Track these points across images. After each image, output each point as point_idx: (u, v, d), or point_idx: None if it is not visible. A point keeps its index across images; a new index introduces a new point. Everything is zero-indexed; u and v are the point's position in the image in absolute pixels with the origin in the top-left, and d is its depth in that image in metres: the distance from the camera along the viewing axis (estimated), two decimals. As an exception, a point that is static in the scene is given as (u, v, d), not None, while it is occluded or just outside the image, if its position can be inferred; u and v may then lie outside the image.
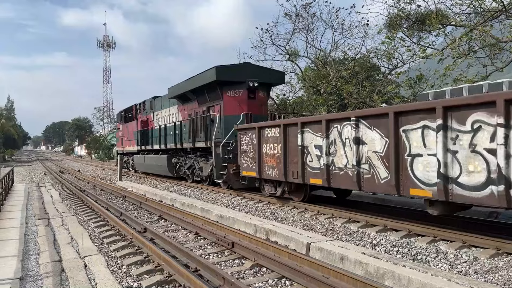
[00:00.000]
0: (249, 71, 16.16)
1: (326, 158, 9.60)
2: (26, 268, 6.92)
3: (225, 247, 8.03)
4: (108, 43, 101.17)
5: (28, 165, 55.30)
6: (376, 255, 6.59)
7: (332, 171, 9.51)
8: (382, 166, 8.20)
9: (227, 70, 15.71)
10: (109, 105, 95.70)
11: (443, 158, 6.93)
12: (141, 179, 24.59)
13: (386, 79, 19.80)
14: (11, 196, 17.60)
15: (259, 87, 15.98)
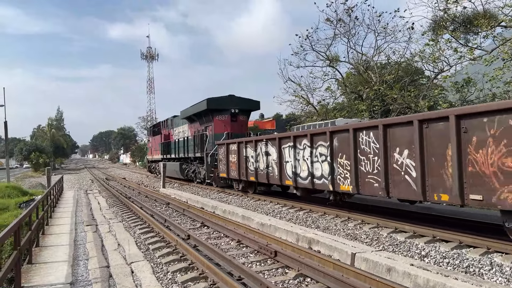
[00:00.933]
0: (233, 101, 22.45)
1: (255, 164, 15.44)
2: (76, 273, 7.15)
3: (268, 255, 7.99)
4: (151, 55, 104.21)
5: (77, 173, 57.70)
6: (426, 267, 6.32)
7: (258, 172, 15.24)
8: (276, 167, 13.84)
9: (215, 100, 22.30)
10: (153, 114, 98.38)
11: (294, 163, 12.73)
12: (183, 186, 25.01)
13: (431, 83, 19.17)
14: (61, 203, 18.37)
15: (240, 113, 22.52)
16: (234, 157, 17.14)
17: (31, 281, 6.62)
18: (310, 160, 11.79)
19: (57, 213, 14.85)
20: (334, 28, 21.78)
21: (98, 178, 40.99)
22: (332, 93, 23.93)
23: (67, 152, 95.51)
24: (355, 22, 21.36)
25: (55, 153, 78.95)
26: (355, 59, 22.51)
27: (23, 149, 67.95)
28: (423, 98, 17.84)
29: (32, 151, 65.56)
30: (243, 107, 22.95)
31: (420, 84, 21.10)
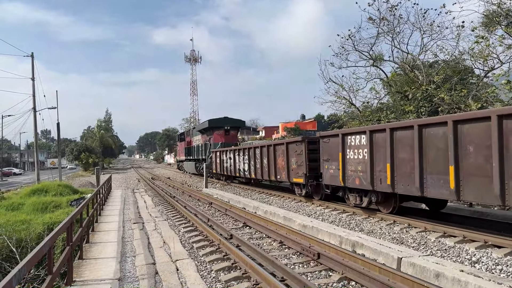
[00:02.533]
0: (226, 121, 33.17)
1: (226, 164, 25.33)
2: (123, 269, 7.40)
3: (311, 257, 7.92)
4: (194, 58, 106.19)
5: (124, 172, 59.72)
6: (477, 273, 6.04)
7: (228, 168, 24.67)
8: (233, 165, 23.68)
9: (214, 121, 33.15)
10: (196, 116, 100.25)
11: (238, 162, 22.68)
12: (225, 186, 25.29)
13: (482, 82, 18.29)
14: (109, 201, 19.08)
15: (231, 129, 32.98)
16: (218, 160, 27.53)
17: (82, 275, 6.91)
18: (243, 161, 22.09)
19: (105, 211, 15.43)
20: (377, 27, 21.28)
21: (144, 177, 42.22)
22: (377, 94, 23.37)
23: (115, 152, 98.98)
24: (399, 20, 20.78)
25: (103, 153, 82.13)
26: (400, 58, 21.87)
27: (74, 149, 71.11)
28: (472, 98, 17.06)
29: (82, 151, 68.48)
30: (233, 125, 33.77)
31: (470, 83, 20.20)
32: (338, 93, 23.46)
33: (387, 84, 22.87)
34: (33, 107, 32.29)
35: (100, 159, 75.51)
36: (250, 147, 21.28)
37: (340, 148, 12.17)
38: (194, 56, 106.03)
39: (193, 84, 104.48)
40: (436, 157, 8.74)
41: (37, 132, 34.77)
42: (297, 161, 15.35)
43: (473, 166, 7.90)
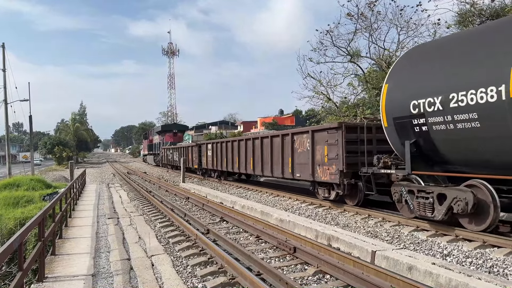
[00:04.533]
0: (174, 126, 55.04)
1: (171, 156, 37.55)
2: (98, 265, 7.28)
3: (287, 251, 7.97)
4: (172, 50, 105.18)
5: (99, 167, 58.72)
6: (448, 266, 6.20)
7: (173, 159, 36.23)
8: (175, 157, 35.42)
9: (166, 125, 59.77)
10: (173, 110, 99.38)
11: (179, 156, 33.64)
12: (202, 181, 25.20)
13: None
14: (83, 196, 18.74)
15: (178, 132, 49.60)
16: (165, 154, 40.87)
17: (54, 271, 6.77)
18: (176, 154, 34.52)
19: (79, 206, 15.15)
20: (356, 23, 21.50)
21: (120, 172, 41.63)
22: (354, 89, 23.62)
23: (89, 146, 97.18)
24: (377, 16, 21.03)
25: (78, 147, 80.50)
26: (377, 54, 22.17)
27: (47, 143, 69.45)
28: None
29: (56, 145, 66.95)
30: (179, 129, 51.68)
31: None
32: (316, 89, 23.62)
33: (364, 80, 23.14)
34: (4, 99, 31.40)
35: (74, 153, 73.99)
36: (180, 147, 34.35)
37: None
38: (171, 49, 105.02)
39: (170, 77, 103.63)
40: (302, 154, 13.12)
41: (9, 125, 33.81)
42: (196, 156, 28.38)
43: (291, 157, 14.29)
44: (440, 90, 7.96)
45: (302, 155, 13.69)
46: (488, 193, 7.62)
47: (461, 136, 7.75)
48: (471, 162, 8.09)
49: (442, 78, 8.06)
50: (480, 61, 7.39)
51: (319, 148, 12.70)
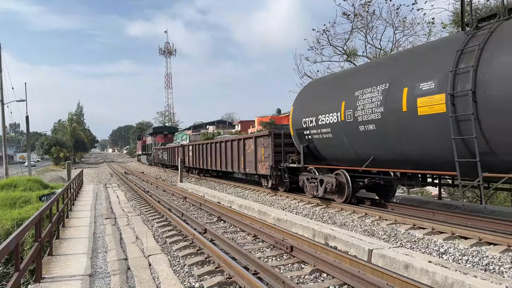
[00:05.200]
0: (165, 128, 60.26)
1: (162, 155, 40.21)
2: (95, 265, 7.28)
3: (284, 250, 7.99)
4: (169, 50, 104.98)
5: (96, 167, 58.64)
6: (444, 264, 6.23)
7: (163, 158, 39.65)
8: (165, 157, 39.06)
9: (157, 127, 61.37)
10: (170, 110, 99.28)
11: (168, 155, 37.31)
12: (200, 180, 25.19)
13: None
14: (81, 196, 18.71)
15: (168, 133, 51.96)
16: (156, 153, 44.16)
17: (52, 272, 6.77)
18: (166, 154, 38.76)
19: (77, 206, 15.13)
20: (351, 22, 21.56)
21: (117, 172, 41.58)
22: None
23: (87, 147, 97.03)
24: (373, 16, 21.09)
25: (75, 147, 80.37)
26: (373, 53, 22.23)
27: (44, 143, 69.27)
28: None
29: (53, 145, 66.80)
30: (170, 131, 54.52)
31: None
32: (313, 88, 23.61)
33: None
34: (0, 99, 31.27)
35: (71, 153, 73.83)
36: (168, 147, 37.83)
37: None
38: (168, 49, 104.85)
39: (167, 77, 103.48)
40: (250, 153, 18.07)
41: (5, 125, 33.70)
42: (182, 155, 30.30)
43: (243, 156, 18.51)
44: (314, 113, 12.34)
45: (250, 155, 17.57)
46: (345, 178, 11.67)
47: (325, 142, 12.11)
48: (335, 159, 12.33)
49: (316, 106, 12.48)
50: (331, 98, 11.79)
51: (259, 149, 16.58)
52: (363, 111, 10.12)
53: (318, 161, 13.06)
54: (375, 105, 9.76)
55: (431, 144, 8.52)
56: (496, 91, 7.12)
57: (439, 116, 8.11)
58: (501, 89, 7.05)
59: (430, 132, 8.40)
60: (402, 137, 9.16)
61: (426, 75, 8.48)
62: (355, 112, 10.43)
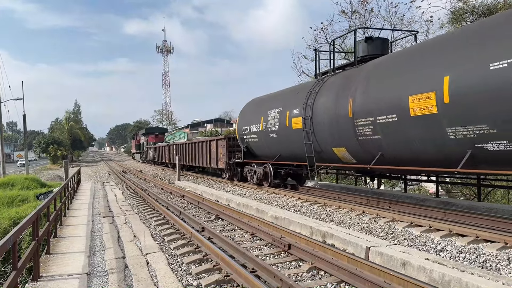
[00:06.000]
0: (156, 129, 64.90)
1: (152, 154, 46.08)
2: (92, 263, 7.28)
3: (282, 248, 8.00)
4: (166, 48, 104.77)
5: (94, 165, 58.54)
6: (441, 261, 6.26)
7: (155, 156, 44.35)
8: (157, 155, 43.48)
9: (149, 128, 66.42)
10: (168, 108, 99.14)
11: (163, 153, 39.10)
12: (198, 179, 25.18)
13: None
14: (78, 194, 18.68)
15: (159, 134, 57.35)
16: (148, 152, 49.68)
17: (49, 270, 6.76)
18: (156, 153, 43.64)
19: (74, 204, 15.11)
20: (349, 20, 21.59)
21: (115, 170, 41.52)
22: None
23: (84, 145, 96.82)
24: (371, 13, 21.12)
25: (72, 146, 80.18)
26: (371, 51, 22.21)
27: (41, 141, 69.10)
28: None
29: (50, 143, 66.64)
30: (160, 131, 60.08)
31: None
32: (311, 86, 23.65)
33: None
34: (-3, 98, 31.19)
35: (69, 151, 73.67)
36: (158, 147, 42.68)
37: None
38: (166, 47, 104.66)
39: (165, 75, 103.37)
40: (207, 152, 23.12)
41: (2, 124, 33.61)
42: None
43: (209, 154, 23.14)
44: (249, 123, 17.27)
45: (213, 153, 22.23)
46: (269, 169, 16.35)
47: (255, 144, 17.05)
48: (263, 156, 16.98)
49: (249, 118, 17.36)
50: (257, 113, 16.55)
51: (219, 149, 21.23)
52: (271, 124, 15.24)
53: (254, 157, 17.86)
54: (276, 121, 14.89)
55: (299, 147, 13.41)
56: (317, 117, 12.35)
57: (300, 130, 13.18)
58: (318, 116, 12.32)
59: (298, 140, 13.37)
60: (288, 142, 14.39)
61: (296, 104, 13.59)
62: (267, 124, 15.51)
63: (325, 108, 11.94)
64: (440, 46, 8.66)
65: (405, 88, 8.97)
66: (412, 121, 8.76)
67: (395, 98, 9.24)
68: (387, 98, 9.49)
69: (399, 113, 9.09)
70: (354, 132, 10.61)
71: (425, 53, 8.96)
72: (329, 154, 12.21)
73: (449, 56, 8.15)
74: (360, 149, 10.77)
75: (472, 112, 7.51)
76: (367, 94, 10.19)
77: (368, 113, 10.03)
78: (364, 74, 10.73)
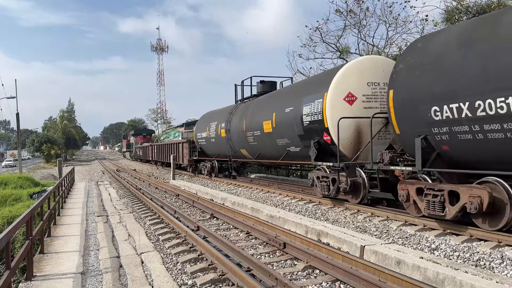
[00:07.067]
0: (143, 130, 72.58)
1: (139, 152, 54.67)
2: (87, 263, 7.24)
3: (277, 247, 8.00)
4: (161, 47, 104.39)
5: (88, 164, 58.27)
6: (435, 260, 6.29)
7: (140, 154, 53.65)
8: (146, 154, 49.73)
9: (138, 130, 73.29)
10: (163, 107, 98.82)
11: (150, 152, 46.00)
12: (193, 178, 25.15)
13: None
14: (72, 194, 18.58)
15: (147, 134, 67.27)
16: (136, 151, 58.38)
17: (43, 270, 6.72)
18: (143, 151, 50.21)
19: (68, 204, 15.03)
20: (345, 19, 21.63)
21: (109, 169, 41.36)
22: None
23: (78, 144, 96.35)
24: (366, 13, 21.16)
25: (66, 145, 79.73)
26: (366, 50, 22.30)
27: (35, 140, 68.64)
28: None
29: (44, 142, 66.21)
30: (147, 132, 68.57)
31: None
32: (305, 85, 23.69)
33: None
34: (-10, 96, 30.96)
35: (62, 150, 73.26)
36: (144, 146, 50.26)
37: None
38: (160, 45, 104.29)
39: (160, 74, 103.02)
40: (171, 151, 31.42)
41: (-5, 122, 33.34)
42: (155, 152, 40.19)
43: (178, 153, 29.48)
44: (200, 131, 24.37)
45: (180, 152, 28.38)
46: (215, 163, 22.74)
47: (205, 146, 24.15)
48: (211, 154, 23.55)
49: (201, 127, 24.50)
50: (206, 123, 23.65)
51: (184, 150, 27.49)
52: (212, 132, 22.18)
53: (205, 156, 24.46)
54: (214, 130, 21.80)
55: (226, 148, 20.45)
56: (232, 130, 19.43)
57: (225, 138, 20.14)
58: (232, 129, 19.41)
59: (224, 144, 20.37)
60: (220, 145, 21.22)
61: (224, 120, 20.36)
62: (210, 133, 22.42)
63: (235, 124, 19.04)
64: (273, 97, 16.76)
65: (262, 116, 16.12)
66: (265, 135, 15.83)
67: (259, 122, 16.26)
68: (256, 121, 16.61)
69: (260, 130, 16.17)
70: (247, 140, 17.78)
71: (269, 100, 16.77)
72: (239, 153, 19.49)
73: (275, 103, 15.56)
74: (251, 150, 17.99)
75: (283, 132, 14.42)
76: (250, 118, 17.38)
77: (251, 129, 17.15)
78: (252, 105, 18.09)
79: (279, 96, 16.13)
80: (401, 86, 8.80)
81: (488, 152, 7.36)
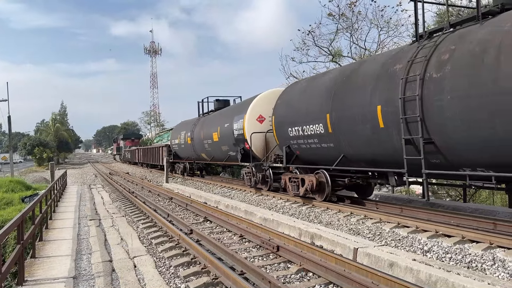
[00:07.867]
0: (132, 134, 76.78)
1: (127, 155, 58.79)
2: (79, 267, 7.19)
3: (270, 250, 8.00)
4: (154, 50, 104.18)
5: (80, 168, 57.91)
6: (428, 262, 6.32)
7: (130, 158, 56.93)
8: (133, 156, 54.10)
9: (126, 134, 77.44)
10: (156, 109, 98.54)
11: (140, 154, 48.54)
12: (186, 181, 25.08)
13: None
14: (64, 197, 18.45)
15: (135, 138, 69.50)
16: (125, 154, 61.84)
17: (34, 274, 6.66)
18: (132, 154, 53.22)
19: (60, 207, 14.91)
20: (337, 23, 21.73)
21: (102, 172, 41.13)
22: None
23: (70, 147, 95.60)
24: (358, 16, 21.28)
25: (58, 148, 79.16)
26: (358, 54, 22.42)
27: (27, 143, 68.12)
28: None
29: (36, 145, 65.72)
30: (136, 136, 71.58)
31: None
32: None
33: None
34: (-19, 99, 30.68)
35: (55, 154, 72.75)
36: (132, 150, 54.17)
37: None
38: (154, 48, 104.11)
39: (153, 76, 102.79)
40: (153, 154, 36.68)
41: (-14, 125, 33.06)
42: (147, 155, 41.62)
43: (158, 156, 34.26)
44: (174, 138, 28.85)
45: (161, 155, 32.11)
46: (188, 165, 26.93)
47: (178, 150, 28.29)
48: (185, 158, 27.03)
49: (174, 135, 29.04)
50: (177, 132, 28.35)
51: (164, 153, 30.67)
52: (181, 139, 26.02)
53: (179, 158, 28.08)
54: (183, 137, 25.52)
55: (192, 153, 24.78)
56: (194, 137, 23.98)
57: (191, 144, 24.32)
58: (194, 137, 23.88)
59: (190, 149, 24.81)
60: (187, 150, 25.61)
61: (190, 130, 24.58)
62: (180, 140, 26.43)
63: (197, 134, 22.88)
64: (218, 116, 21.00)
65: (212, 129, 20.27)
66: (215, 143, 19.89)
67: (210, 133, 20.52)
68: (209, 132, 20.78)
69: (211, 139, 20.31)
70: (204, 146, 21.86)
71: (217, 116, 21.06)
72: (201, 156, 23.45)
73: (219, 120, 19.75)
74: (208, 154, 21.94)
75: (224, 140, 18.65)
76: (206, 129, 21.46)
77: (206, 138, 21.18)
78: (207, 120, 22.39)
79: (222, 115, 20.51)
80: (277, 114, 13.85)
81: (315, 154, 12.26)
